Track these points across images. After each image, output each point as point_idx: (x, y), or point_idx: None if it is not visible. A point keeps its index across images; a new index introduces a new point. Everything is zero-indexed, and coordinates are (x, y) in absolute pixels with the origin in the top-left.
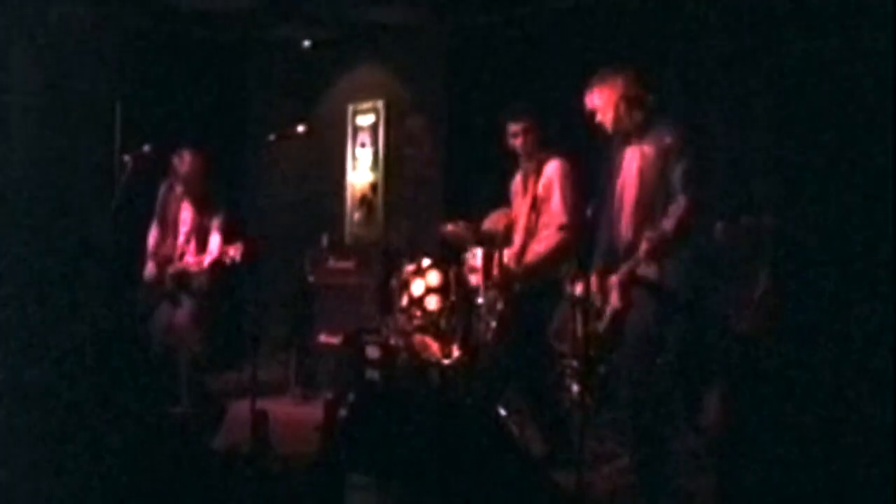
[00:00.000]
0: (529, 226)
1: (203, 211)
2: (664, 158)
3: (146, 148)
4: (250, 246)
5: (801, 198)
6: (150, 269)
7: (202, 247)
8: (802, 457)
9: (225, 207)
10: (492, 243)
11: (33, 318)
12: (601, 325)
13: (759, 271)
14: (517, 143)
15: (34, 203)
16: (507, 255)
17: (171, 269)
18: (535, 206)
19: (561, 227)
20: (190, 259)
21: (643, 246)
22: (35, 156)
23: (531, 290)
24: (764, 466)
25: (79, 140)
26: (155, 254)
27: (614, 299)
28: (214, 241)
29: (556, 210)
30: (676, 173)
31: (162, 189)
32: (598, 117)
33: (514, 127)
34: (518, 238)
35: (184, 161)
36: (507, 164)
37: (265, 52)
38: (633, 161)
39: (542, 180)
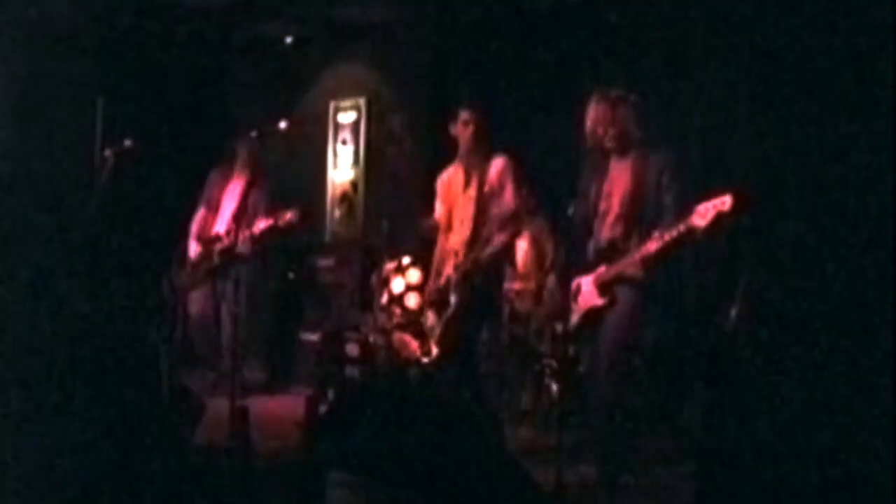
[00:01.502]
0: (477, 218)
1: (253, 191)
2: (658, 175)
3: (128, 143)
4: (304, 213)
5: (783, 197)
6: (194, 249)
7: (249, 224)
8: (782, 458)
9: (271, 188)
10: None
11: (12, 314)
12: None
13: (739, 272)
14: (464, 132)
15: (14, 198)
16: (454, 246)
17: (219, 246)
18: (483, 199)
19: (513, 218)
20: (239, 236)
21: (669, 234)
22: (16, 151)
23: (485, 282)
24: (742, 467)
25: (61, 135)
26: (199, 235)
27: (592, 298)
28: (262, 217)
29: (508, 202)
30: (670, 192)
31: (213, 175)
32: (600, 132)
33: (464, 115)
34: (464, 230)
35: (246, 145)
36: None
37: (247, 49)
38: (624, 173)
39: (492, 174)
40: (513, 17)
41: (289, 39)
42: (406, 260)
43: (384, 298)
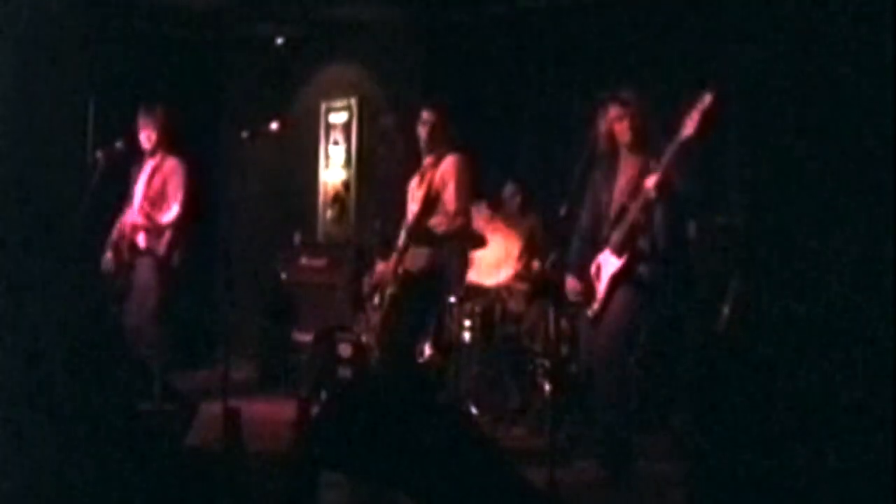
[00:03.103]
0: (420, 214)
1: (156, 178)
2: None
3: (119, 144)
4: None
5: (775, 197)
6: (107, 255)
7: (160, 211)
8: (775, 457)
9: (179, 171)
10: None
11: (2, 315)
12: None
13: (732, 270)
14: (423, 131)
15: (5, 199)
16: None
17: (125, 242)
18: (430, 196)
19: (455, 216)
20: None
21: (655, 175)
22: (7, 151)
23: (421, 274)
24: (735, 465)
25: (52, 136)
26: (118, 230)
27: (612, 265)
28: (174, 204)
29: (449, 200)
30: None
31: (134, 167)
32: (615, 135)
33: (425, 114)
34: (408, 221)
35: (146, 126)
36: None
37: (239, 50)
38: (631, 172)
39: (440, 172)
40: (504, 17)
41: (280, 40)
42: None
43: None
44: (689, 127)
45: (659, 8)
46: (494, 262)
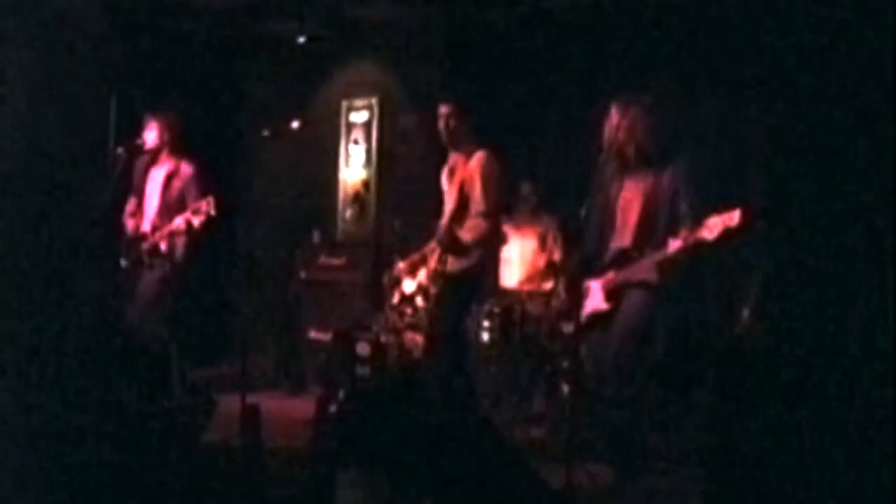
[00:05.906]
0: (455, 212)
1: (175, 181)
2: (674, 186)
3: (140, 141)
4: (220, 200)
5: (794, 198)
6: (125, 248)
7: (175, 215)
8: (789, 461)
9: (195, 175)
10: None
11: (25, 311)
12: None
13: (751, 272)
14: (443, 126)
15: (27, 195)
16: (437, 236)
17: (146, 245)
18: (462, 194)
19: (483, 215)
20: (164, 231)
21: (676, 244)
22: (29, 148)
23: (459, 276)
24: (750, 469)
25: (73, 132)
26: (129, 233)
27: (597, 303)
28: (186, 210)
29: (478, 200)
30: (686, 203)
31: (138, 162)
32: (620, 143)
33: (443, 109)
34: (444, 222)
35: (157, 127)
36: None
37: (260, 48)
38: (642, 185)
39: (470, 170)
40: (526, 17)
41: (301, 39)
42: None
43: (395, 298)
44: (708, 231)
45: (682, 8)
46: (510, 262)
